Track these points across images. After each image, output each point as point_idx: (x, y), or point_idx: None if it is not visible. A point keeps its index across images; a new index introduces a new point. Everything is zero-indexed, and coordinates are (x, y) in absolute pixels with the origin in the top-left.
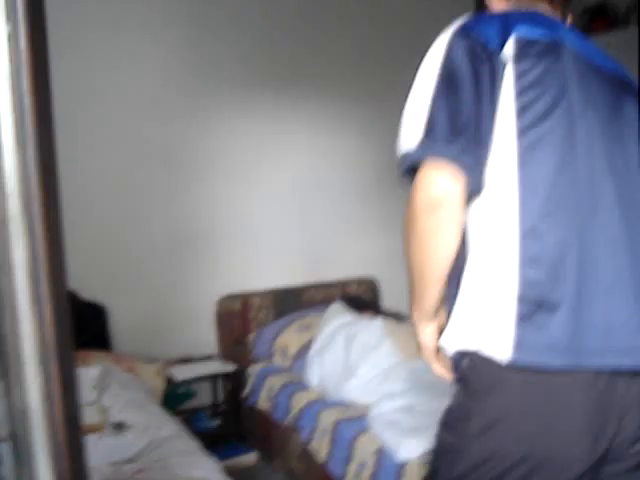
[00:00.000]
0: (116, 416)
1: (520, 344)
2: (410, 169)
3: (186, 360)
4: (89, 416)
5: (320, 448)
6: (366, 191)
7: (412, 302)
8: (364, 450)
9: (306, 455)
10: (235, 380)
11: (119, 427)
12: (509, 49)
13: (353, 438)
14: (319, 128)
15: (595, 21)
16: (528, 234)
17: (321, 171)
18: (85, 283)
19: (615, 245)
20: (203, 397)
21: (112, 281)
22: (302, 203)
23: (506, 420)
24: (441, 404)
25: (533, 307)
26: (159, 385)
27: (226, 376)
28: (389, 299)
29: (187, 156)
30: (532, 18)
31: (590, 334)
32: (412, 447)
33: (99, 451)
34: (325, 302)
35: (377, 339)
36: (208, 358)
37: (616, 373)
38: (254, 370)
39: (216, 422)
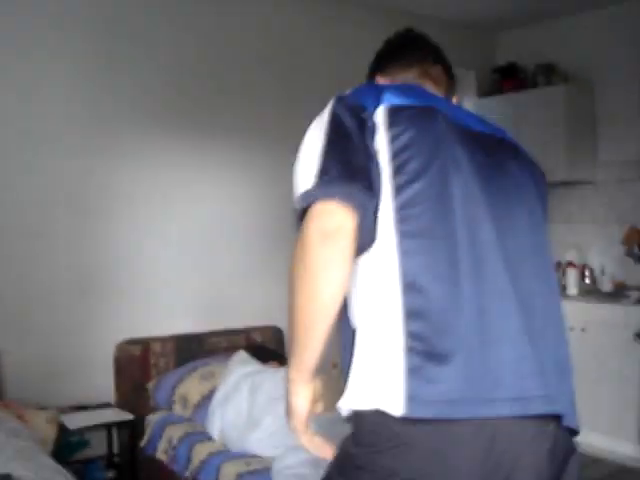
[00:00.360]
0: (3, 467)
1: (411, 398)
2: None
3: (81, 407)
4: None
5: None
6: (272, 239)
7: (291, 357)
8: None
9: None
10: (132, 429)
11: (6, 479)
12: (380, 116)
13: None
14: (226, 175)
15: (505, 80)
16: (409, 288)
17: (227, 218)
18: None
19: (502, 296)
20: (98, 447)
21: (6, 324)
22: (208, 248)
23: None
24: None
25: (422, 360)
26: (50, 434)
27: (123, 425)
28: None
29: (91, 198)
30: (408, 88)
31: (482, 384)
32: None
33: None
34: (229, 350)
35: (282, 390)
36: (105, 406)
37: (508, 420)
38: (153, 419)
39: (111, 473)
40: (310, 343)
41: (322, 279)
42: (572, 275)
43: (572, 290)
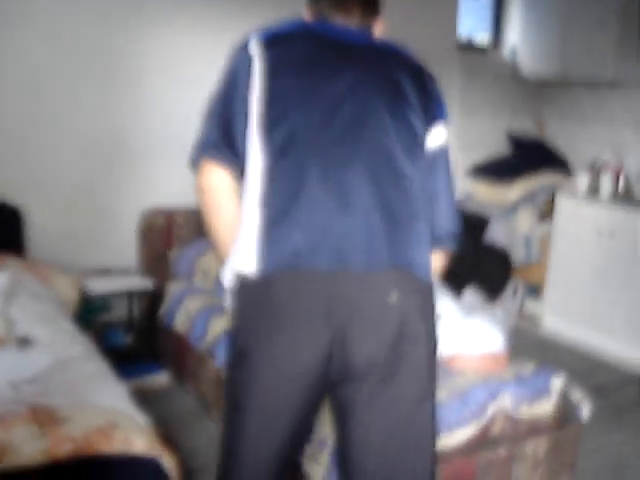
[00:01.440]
0: (22, 329)
1: (258, 257)
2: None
3: (104, 271)
4: None
5: None
6: None
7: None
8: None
9: (220, 382)
10: (153, 297)
11: (24, 342)
12: (254, 48)
13: None
14: None
15: None
16: (268, 176)
17: None
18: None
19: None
20: (119, 311)
21: (30, 183)
22: None
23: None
24: None
25: (267, 225)
26: (73, 297)
27: (144, 292)
28: None
29: (118, 60)
30: (285, 24)
31: (317, 243)
32: None
33: None
34: None
35: None
36: (127, 271)
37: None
38: (174, 288)
39: (130, 338)
40: (220, 250)
41: (213, 218)
42: (606, 178)
43: (605, 193)
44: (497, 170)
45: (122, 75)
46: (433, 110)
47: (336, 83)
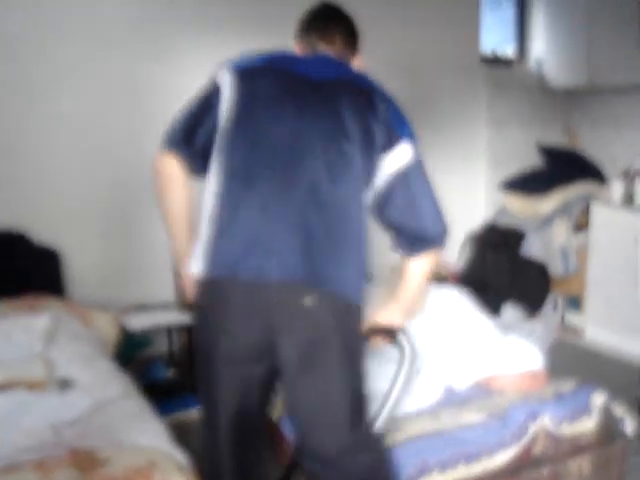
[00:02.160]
0: (62, 371)
1: (205, 264)
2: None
3: (142, 307)
4: (31, 370)
5: (275, 405)
6: None
7: (174, 251)
8: None
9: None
10: (191, 329)
11: (64, 384)
12: (224, 78)
13: None
14: None
15: None
16: (219, 197)
17: None
18: (38, 225)
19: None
20: (159, 345)
21: (68, 225)
22: None
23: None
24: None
25: (213, 237)
26: (112, 335)
27: (182, 325)
28: None
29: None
30: (258, 55)
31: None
32: None
33: (39, 410)
34: None
35: None
36: (165, 306)
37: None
38: None
39: (172, 372)
40: (173, 237)
41: (162, 200)
42: None
43: (639, 200)
44: (530, 182)
45: (150, 104)
46: (392, 134)
47: (286, 123)
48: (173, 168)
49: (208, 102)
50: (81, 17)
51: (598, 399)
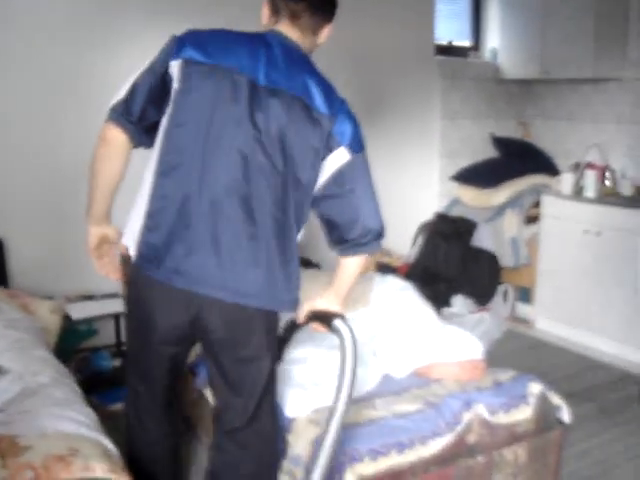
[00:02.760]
0: None
1: (138, 249)
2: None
3: (88, 297)
4: None
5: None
6: None
7: (87, 208)
8: None
9: (201, 401)
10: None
11: None
12: (175, 68)
13: None
14: None
15: None
16: (160, 176)
17: None
18: None
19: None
20: (106, 335)
21: (12, 212)
22: None
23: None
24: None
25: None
26: (54, 323)
27: None
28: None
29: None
30: (211, 41)
31: (171, 257)
32: (299, 404)
33: None
34: None
35: None
36: (112, 296)
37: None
38: None
39: (117, 362)
40: (94, 202)
41: (98, 164)
42: (591, 177)
43: (590, 192)
44: (482, 175)
45: (91, 92)
46: (330, 141)
47: (225, 127)
48: (115, 137)
49: (155, 77)
50: (20, 6)
51: (535, 388)
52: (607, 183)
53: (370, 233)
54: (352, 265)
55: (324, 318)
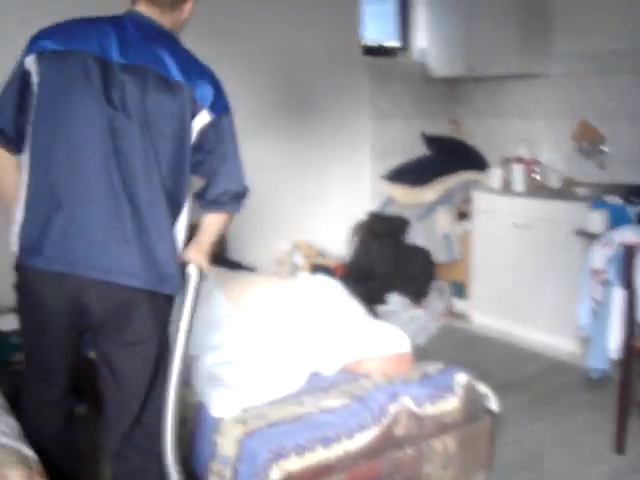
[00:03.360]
0: None
1: (19, 243)
2: None
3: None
4: None
5: None
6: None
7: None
8: (185, 404)
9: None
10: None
11: None
12: (31, 63)
13: None
14: None
15: None
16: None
17: None
18: None
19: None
20: None
21: None
22: None
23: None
24: (265, 356)
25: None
26: None
27: None
28: (235, 250)
29: None
30: (65, 31)
31: (48, 243)
32: (226, 404)
33: None
34: None
35: (206, 290)
36: None
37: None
38: None
39: None
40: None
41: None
42: (519, 171)
43: (518, 186)
44: (413, 172)
45: None
46: (194, 106)
47: (83, 107)
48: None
49: (17, 82)
50: None
51: (462, 379)
52: (537, 177)
53: (229, 193)
54: (213, 222)
55: (184, 264)
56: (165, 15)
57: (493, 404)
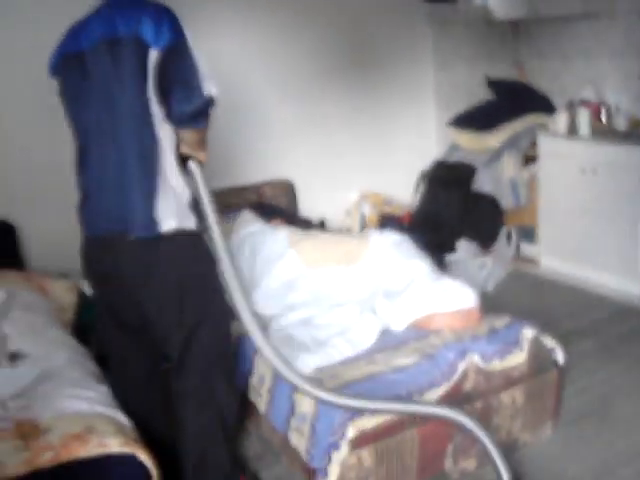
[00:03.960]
0: (14, 345)
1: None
2: None
3: None
4: None
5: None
6: (286, 88)
7: None
8: (263, 365)
9: None
10: None
11: (14, 358)
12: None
13: (254, 353)
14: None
15: None
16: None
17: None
18: None
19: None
20: None
21: (22, 198)
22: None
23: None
24: (337, 315)
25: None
26: (70, 301)
27: None
28: (306, 202)
29: None
30: (78, 30)
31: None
32: (305, 362)
33: None
34: (239, 207)
35: (281, 250)
36: None
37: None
38: None
39: None
40: None
41: None
42: (584, 115)
43: (584, 130)
44: (478, 118)
45: None
46: (146, 50)
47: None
48: None
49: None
50: None
51: (529, 333)
52: (603, 119)
53: (185, 114)
54: (186, 137)
55: (184, 159)
56: None
57: (560, 356)
